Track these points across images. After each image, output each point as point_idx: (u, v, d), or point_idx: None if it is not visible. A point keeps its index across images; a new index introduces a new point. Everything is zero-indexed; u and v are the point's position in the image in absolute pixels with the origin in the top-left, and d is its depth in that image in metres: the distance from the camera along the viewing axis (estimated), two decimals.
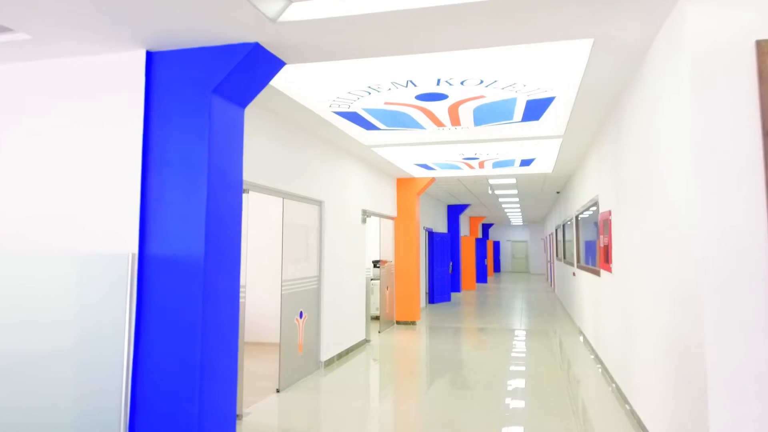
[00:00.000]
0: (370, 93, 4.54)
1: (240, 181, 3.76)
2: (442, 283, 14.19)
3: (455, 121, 5.52)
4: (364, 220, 7.95)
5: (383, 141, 6.63)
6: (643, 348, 4.02)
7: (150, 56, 3.58)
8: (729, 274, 2.55)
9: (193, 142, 3.45)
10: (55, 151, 3.59)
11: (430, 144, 6.77)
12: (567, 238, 11.76)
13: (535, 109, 5.09)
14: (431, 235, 13.78)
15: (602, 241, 5.88)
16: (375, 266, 9.90)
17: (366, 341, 7.96)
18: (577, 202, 8.91)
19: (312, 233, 6.19)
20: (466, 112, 5.17)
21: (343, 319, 6.99)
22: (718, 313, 2.55)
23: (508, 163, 8.38)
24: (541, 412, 4.59)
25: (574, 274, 9.53)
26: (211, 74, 3.47)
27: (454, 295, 16.17)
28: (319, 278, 6.30)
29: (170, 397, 3.27)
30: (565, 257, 12.31)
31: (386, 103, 4.85)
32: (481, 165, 8.51)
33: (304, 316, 5.86)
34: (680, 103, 2.83)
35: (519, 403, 4.86)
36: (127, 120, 3.53)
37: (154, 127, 3.52)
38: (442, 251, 14.34)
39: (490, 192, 11.47)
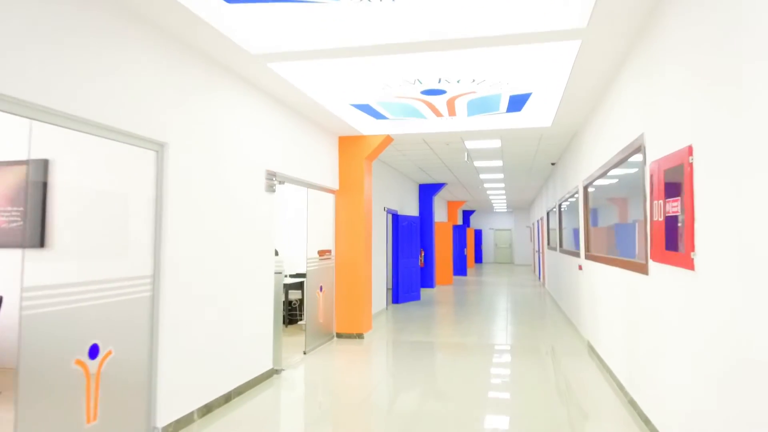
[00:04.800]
0: None
1: None
2: (410, 278, 11.54)
3: None
4: (271, 188, 5.20)
5: (274, 43, 3.87)
6: None
7: None
8: None
9: None
10: None
11: (360, 54, 4.04)
12: (565, 221, 9.16)
13: None
14: (396, 219, 11.09)
15: (659, 213, 3.23)
16: (323, 258, 7.16)
17: (274, 372, 5.25)
18: (587, 167, 6.28)
19: (136, 201, 3.43)
20: None
21: (218, 343, 4.27)
22: None
23: (491, 105, 5.68)
24: None
25: (580, 267, 6.93)
26: None
27: (425, 292, 13.55)
28: (153, 281, 3.55)
29: None
30: (561, 245, 9.74)
31: None
32: (452, 108, 5.80)
33: (104, 352, 3.11)
34: None
35: None
36: None
37: None
38: (411, 239, 11.67)
39: (466, 160, 8.84)
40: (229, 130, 4.45)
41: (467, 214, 26.48)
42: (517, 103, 5.55)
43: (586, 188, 6.54)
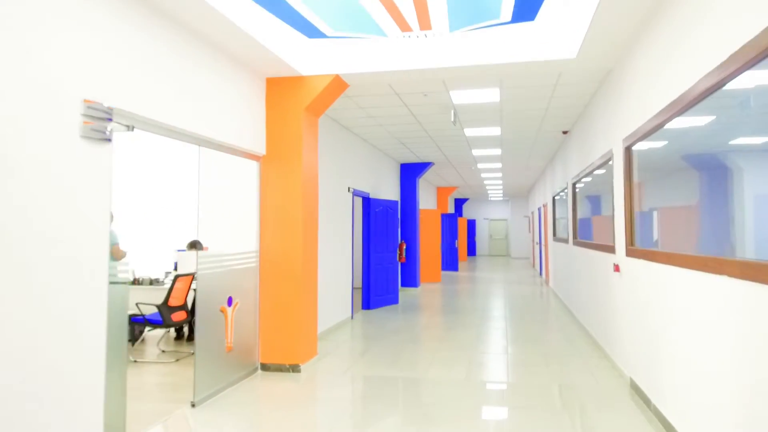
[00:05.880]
0: None
1: None
2: (385, 277, 9.33)
3: None
4: (99, 134, 2.94)
5: None
6: None
7: None
8: None
9: None
10: None
11: None
12: (586, 205, 6.99)
13: None
14: (367, 203, 8.87)
15: None
16: (237, 255, 4.90)
17: None
18: (633, 117, 4.07)
19: None
20: None
21: None
22: None
23: (487, 4, 3.45)
24: None
25: (616, 268, 4.72)
26: None
27: (406, 292, 11.35)
28: None
29: None
30: (575, 236, 7.57)
31: None
32: (423, 12, 3.56)
33: None
34: None
35: None
36: None
37: None
38: (387, 228, 9.45)
39: (453, 122, 6.62)
40: None
41: (459, 203, 24.31)
42: (527, 7, 3.31)
43: (628, 150, 4.34)
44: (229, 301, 4.42)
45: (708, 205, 2.86)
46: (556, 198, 10.49)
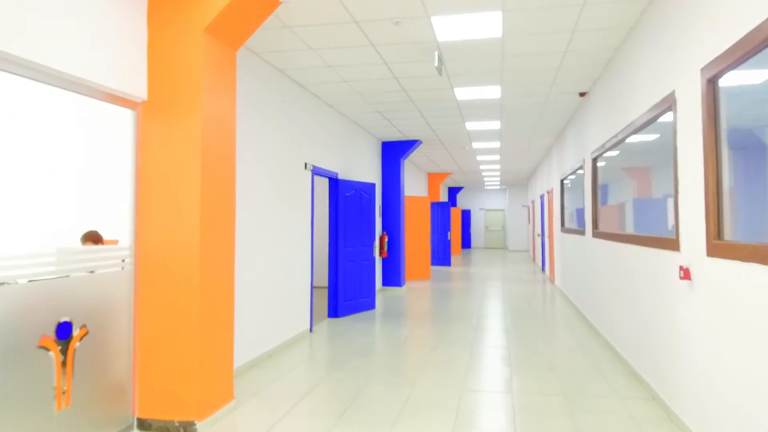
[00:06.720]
0: None
1: None
2: (359, 277, 7.65)
3: None
4: None
5: None
6: None
7: None
8: None
9: None
10: None
11: None
12: (616, 187, 5.34)
13: None
14: (335, 186, 7.17)
15: None
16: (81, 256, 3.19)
17: None
18: (714, 31, 2.38)
19: None
20: None
21: None
22: None
23: None
24: None
25: (685, 274, 3.04)
26: None
27: (387, 293, 9.68)
28: None
29: None
30: (595, 226, 5.91)
31: None
32: None
33: None
34: None
35: None
36: None
37: None
38: (361, 216, 7.75)
39: (438, 70, 4.89)
40: None
41: (453, 192, 22.65)
42: None
43: (711, 84, 2.66)
44: (64, 331, 2.72)
45: None
46: (565, 181, 8.83)
